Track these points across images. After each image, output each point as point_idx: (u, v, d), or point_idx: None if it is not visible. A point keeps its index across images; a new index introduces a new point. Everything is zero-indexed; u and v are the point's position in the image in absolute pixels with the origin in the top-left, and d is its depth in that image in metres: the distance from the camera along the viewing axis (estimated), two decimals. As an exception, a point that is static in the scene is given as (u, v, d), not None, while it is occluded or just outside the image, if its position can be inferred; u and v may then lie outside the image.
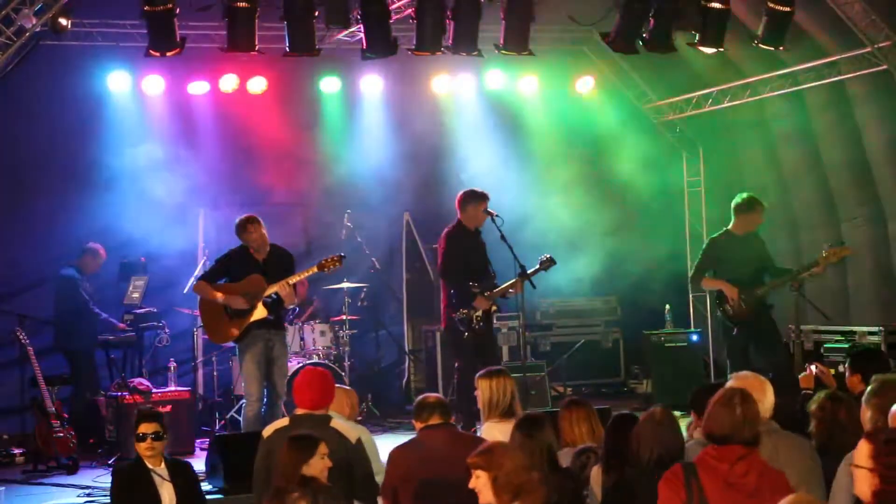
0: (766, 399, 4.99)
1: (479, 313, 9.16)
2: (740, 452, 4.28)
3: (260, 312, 8.64)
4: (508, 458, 4.30)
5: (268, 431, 5.86)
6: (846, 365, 6.35)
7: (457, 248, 9.33)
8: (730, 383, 4.95)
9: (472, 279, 9.27)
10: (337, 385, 6.13)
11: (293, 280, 8.64)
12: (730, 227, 9.73)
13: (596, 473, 5.16)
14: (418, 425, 5.63)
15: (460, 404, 9.05)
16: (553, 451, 5.03)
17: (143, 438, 5.84)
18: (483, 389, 6.16)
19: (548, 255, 9.44)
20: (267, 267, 8.77)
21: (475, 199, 9.38)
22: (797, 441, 4.97)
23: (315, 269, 8.70)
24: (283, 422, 5.90)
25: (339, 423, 5.86)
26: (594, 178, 13.34)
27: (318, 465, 4.99)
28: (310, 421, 5.68)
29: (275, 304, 8.76)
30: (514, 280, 9.25)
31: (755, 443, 4.37)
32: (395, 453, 5.49)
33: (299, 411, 5.87)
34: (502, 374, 6.28)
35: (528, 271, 9.17)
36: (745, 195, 9.82)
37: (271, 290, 8.63)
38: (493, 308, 9.38)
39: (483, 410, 6.20)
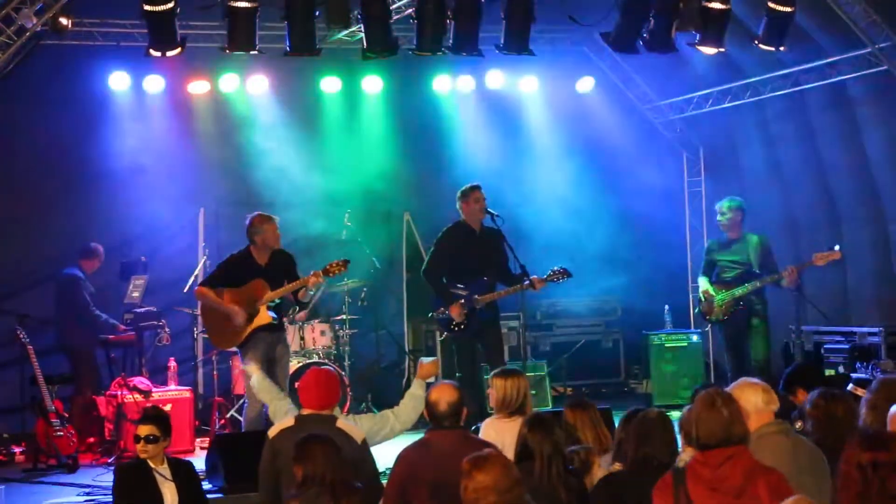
0: (760, 397, 4.96)
1: (461, 318, 9.03)
2: (727, 454, 4.26)
3: (264, 318, 8.60)
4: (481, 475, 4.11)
5: (273, 432, 5.84)
6: (786, 382, 6.39)
7: (446, 247, 9.21)
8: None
9: (460, 280, 9.12)
10: None
11: (297, 285, 8.59)
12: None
13: (601, 474, 5.18)
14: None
15: None
16: (562, 451, 5.03)
17: (137, 440, 5.87)
18: (497, 388, 6.20)
19: (562, 268, 9.22)
20: (269, 271, 8.72)
21: (464, 194, 9.21)
22: (811, 444, 4.95)
23: (321, 275, 8.62)
24: (289, 422, 5.87)
25: (344, 423, 5.86)
26: (594, 179, 13.34)
27: None
28: (316, 421, 5.67)
29: (277, 308, 8.75)
30: (510, 289, 9.10)
31: (744, 441, 4.35)
32: (405, 454, 5.46)
33: (305, 411, 5.86)
34: (517, 374, 6.31)
35: (534, 278, 8.92)
36: (724, 199, 10.24)
37: (277, 293, 8.60)
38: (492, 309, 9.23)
39: (495, 407, 6.26)
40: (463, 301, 9.04)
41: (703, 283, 10.09)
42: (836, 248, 9.59)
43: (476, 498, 3.97)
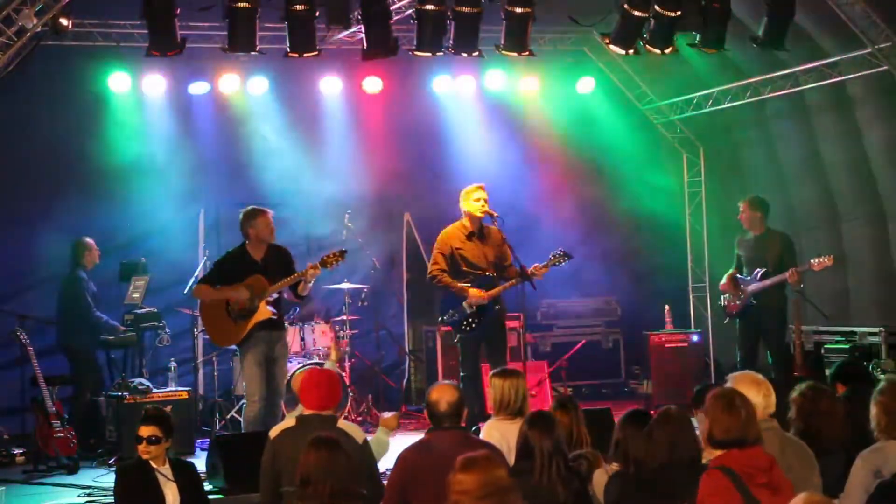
0: (760, 398, 4.97)
1: (471, 318, 8.97)
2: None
3: (263, 313, 8.59)
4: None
5: (275, 432, 5.83)
6: (831, 375, 6.43)
7: (446, 248, 9.15)
8: (727, 384, 4.97)
9: (461, 281, 9.03)
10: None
11: (296, 278, 8.58)
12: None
13: (599, 476, 5.17)
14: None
15: None
16: (563, 449, 5.02)
17: (139, 441, 5.86)
18: (495, 388, 6.18)
19: (562, 250, 9.17)
20: (266, 266, 8.71)
21: (467, 193, 9.15)
22: (799, 443, 4.97)
23: (319, 266, 8.61)
24: (290, 422, 5.87)
25: (345, 423, 5.86)
26: (594, 179, 13.35)
27: None
28: (317, 421, 5.67)
29: (276, 304, 8.74)
30: (512, 281, 9.04)
31: (759, 442, 4.36)
32: (405, 454, 5.46)
33: (306, 412, 5.85)
34: (516, 374, 6.29)
35: (535, 266, 8.88)
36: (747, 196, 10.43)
37: (276, 287, 8.59)
38: (497, 307, 9.19)
39: (493, 408, 6.24)
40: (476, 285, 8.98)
41: (724, 277, 10.31)
42: (830, 255, 9.87)
43: (456, 500, 4.00)
